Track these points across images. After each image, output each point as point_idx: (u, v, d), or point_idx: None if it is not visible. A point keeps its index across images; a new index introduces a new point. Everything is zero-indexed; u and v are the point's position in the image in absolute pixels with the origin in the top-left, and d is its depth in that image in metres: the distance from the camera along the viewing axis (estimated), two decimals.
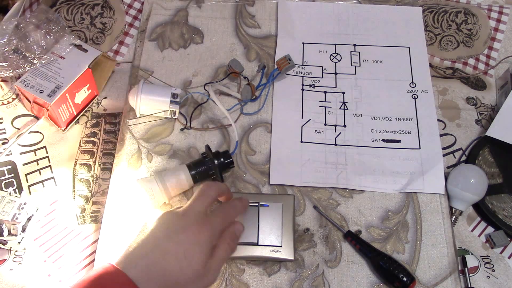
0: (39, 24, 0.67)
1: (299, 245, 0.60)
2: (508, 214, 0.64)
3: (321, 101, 0.71)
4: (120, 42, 0.77)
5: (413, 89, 0.72)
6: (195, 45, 0.76)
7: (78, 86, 0.65)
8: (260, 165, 0.66)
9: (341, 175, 0.65)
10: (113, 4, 0.79)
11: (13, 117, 0.69)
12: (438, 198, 0.64)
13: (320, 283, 0.58)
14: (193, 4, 0.80)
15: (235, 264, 0.59)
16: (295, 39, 0.77)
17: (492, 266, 0.61)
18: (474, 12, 0.81)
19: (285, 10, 0.79)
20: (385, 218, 0.63)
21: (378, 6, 0.80)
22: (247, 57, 0.75)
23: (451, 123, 0.72)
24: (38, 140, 0.68)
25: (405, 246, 0.61)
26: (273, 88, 0.72)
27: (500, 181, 0.66)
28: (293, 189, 0.64)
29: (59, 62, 0.65)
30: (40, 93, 0.62)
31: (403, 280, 0.56)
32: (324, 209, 0.63)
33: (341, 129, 0.69)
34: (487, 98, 0.74)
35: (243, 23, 0.78)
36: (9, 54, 0.65)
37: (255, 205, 0.60)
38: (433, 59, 0.77)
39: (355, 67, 0.74)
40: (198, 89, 0.72)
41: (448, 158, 0.69)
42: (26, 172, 0.65)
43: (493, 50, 0.79)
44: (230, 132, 0.68)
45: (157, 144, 0.67)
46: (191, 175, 0.60)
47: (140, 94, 0.65)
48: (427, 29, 0.79)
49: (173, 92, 0.66)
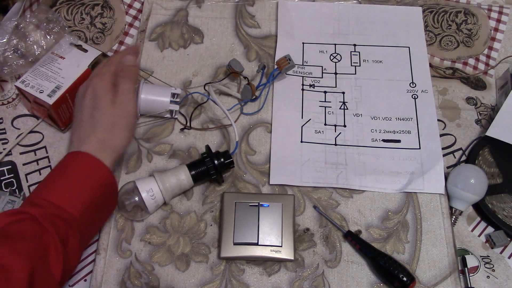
0: (39, 24, 0.67)
1: (299, 245, 0.60)
2: (508, 214, 0.64)
3: (321, 101, 0.71)
4: (120, 42, 0.77)
5: (413, 89, 0.72)
6: (195, 45, 0.76)
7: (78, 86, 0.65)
8: (260, 165, 0.66)
9: (341, 175, 0.65)
10: (113, 4, 0.79)
11: (13, 117, 0.69)
12: (438, 198, 0.64)
13: (320, 283, 0.58)
14: (193, 4, 0.80)
15: (235, 264, 0.59)
16: (295, 39, 0.77)
17: (492, 266, 0.61)
18: (474, 12, 0.81)
19: (285, 10, 0.79)
20: (385, 218, 0.63)
21: (378, 6, 0.80)
22: (247, 57, 0.75)
23: (451, 123, 0.72)
24: (38, 140, 0.68)
25: (405, 246, 0.61)
26: (273, 88, 0.72)
27: (500, 181, 0.66)
28: (293, 189, 0.64)
29: (59, 62, 0.65)
30: (40, 93, 0.62)
31: (403, 280, 0.56)
32: (324, 209, 0.63)
33: (341, 129, 0.69)
34: (487, 98, 0.74)
35: (243, 23, 0.78)
36: (9, 54, 0.65)
37: (255, 205, 0.60)
38: (433, 59, 0.77)
39: (355, 67, 0.74)
40: (198, 89, 0.72)
41: (448, 158, 0.69)
42: (26, 172, 0.65)
43: (493, 50, 0.79)
44: (230, 132, 0.68)
45: (157, 144, 0.67)
46: (191, 175, 0.60)
47: (140, 94, 0.65)
48: (427, 29, 0.79)
49: (173, 92, 0.66)
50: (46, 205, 0.49)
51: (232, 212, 0.60)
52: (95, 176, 0.53)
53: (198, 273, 0.58)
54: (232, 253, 0.58)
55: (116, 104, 0.57)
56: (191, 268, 0.59)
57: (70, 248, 0.49)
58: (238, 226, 0.59)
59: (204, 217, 0.62)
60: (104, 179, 0.54)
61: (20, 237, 0.46)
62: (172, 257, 0.59)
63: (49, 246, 0.47)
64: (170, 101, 0.66)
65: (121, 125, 0.57)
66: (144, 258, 0.59)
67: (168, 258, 0.59)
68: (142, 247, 0.60)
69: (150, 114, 0.67)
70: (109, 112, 0.56)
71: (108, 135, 0.55)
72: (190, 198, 0.63)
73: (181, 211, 0.62)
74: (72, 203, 0.50)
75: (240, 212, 0.60)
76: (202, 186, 0.64)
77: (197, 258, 0.59)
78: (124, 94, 0.58)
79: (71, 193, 0.51)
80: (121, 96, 0.57)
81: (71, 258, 0.50)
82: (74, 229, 0.50)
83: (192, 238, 0.61)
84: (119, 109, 0.57)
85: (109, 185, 0.55)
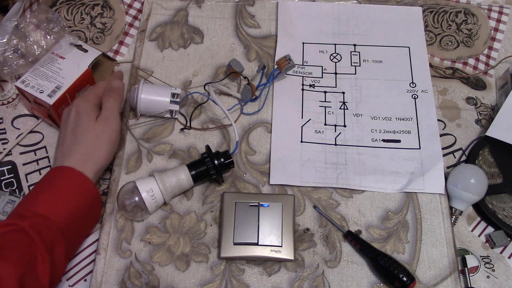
0: (39, 24, 0.67)
1: (299, 245, 0.60)
2: (508, 214, 0.64)
3: (321, 101, 0.71)
4: (120, 42, 0.77)
5: (413, 89, 0.72)
6: (195, 45, 0.76)
7: (78, 86, 0.65)
8: (260, 165, 0.66)
9: (341, 175, 0.65)
10: (113, 4, 0.79)
11: (13, 117, 0.69)
12: (438, 198, 0.64)
13: (320, 283, 0.58)
14: (193, 4, 0.80)
15: (235, 264, 0.59)
16: (295, 39, 0.77)
17: (492, 266, 0.61)
18: (474, 12, 0.81)
19: (285, 10, 0.79)
20: (385, 218, 0.63)
21: (378, 6, 0.80)
22: (247, 57, 0.75)
23: (451, 123, 0.72)
24: (38, 140, 0.68)
25: (405, 246, 0.61)
26: (273, 88, 0.72)
27: (500, 181, 0.66)
28: (293, 189, 0.64)
29: (59, 62, 0.65)
30: (40, 93, 0.62)
31: (403, 280, 0.56)
32: (324, 209, 0.63)
33: (341, 129, 0.69)
34: (487, 98, 0.74)
35: (243, 23, 0.78)
36: (9, 54, 0.65)
37: (255, 205, 0.60)
38: (433, 59, 0.77)
39: (355, 67, 0.74)
40: (198, 89, 0.72)
41: (448, 158, 0.69)
42: (26, 172, 0.65)
43: (493, 50, 0.79)
44: (230, 132, 0.68)
45: (157, 144, 0.67)
46: (191, 175, 0.60)
47: (140, 94, 0.65)
48: (427, 29, 0.79)
49: (173, 92, 0.66)
50: (32, 215, 0.51)
51: (232, 212, 0.60)
52: (78, 187, 0.56)
53: (198, 273, 0.58)
54: (232, 253, 0.58)
55: (99, 120, 0.59)
56: (191, 268, 0.59)
57: (56, 255, 0.51)
58: (238, 226, 0.59)
59: (204, 217, 0.62)
60: (87, 190, 0.56)
61: (8, 246, 0.47)
62: (172, 257, 0.59)
63: (36, 254, 0.48)
64: (170, 101, 0.66)
65: (103, 139, 0.59)
66: (144, 258, 0.59)
67: (168, 258, 0.59)
68: (142, 247, 0.60)
69: (150, 114, 0.67)
70: (91, 128, 0.58)
71: (90, 148, 0.58)
72: (190, 198, 0.63)
73: (181, 211, 0.62)
74: (57, 213, 0.52)
75: (240, 212, 0.60)
76: (202, 186, 0.64)
77: (197, 258, 0.59)
78: (108, 111, 0.60)
79: (56, 204, 0.53)
80: (105, 112, 0.60)
81: (58, 266, 0.51)
82: (59, 238, 0.51)
83: (192, 238, 0.61)
84: (102, 125, 0.59)
85: (92, 195, 0.57)
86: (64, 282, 0.58)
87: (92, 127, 0.58)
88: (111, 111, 0.61)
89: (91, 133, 0.58)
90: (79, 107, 0.60)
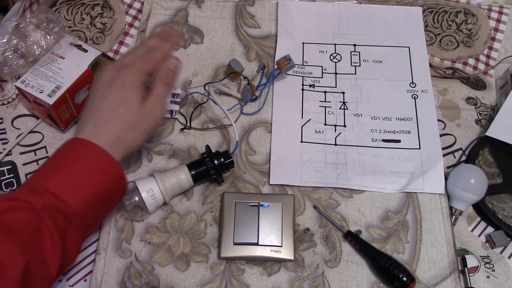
0: (39, 24, 0.67)
1: (299, 245, 0.60)
2: (508, 214, 0.64)
3: (321, 101, 0.71)
4: (120, 42, 0.77)
5: (413, 89, 0.72)
6: (195, 45, 0.76)
7: (78, 86, 0.65)
8: (260, 165, 0.66)
9: (341, 175, 0.65)
10: (113, 4, 0.79)
11: (13, 117, 0.69)
12: (438, 198, 0.64)
13: (320, 283, 0.58)
14: (193, 4, 0.80)
15: (235, 264, 0.59)
16: (295, 39, 0.77)
17: (492, 266, 0.61)
18: (474, 12, 0.81)
19: (285, 10, 0.79)
20: (385, 218, 0.63)
21: (378, 6, 0.80)
22: (247, 57, 0.75)
23: (451, 123, 0.72)
24: (38, 140, 0.68)
25: (405, 246, 0.61)
26: (273, 88, 0.72)
27: (500, 181, 0.66)
28: (293, 189, 0.64)
29: (59, 62, 0.65)
30: (40, 93, 0.62)
31: (403, 280, 0.56)
32: (324, 209, 0.63)
33: (341, 129, 0.69)
34: (487, 98, 0.74)
35: (243, 23, 0.78)
36: (9, 54, 0.65)
37: (255, 205, 0.60)
38: (433, 59, 0.77)
39: (355, 67, 0.74)
40: (198, 89, 0.72)
41: (448, 158, 0.69)
42: (26, 172, 0.65)
43: (493, 50, 0.79)
44: (230, 132, 0.68)
45: (157, 144, 0.67)
46: (191, 175, 0.60)
47: None
48: (427, 29, 0.79)
49: (173, 92, 0.66)
50: (47, 195, 0.47)
51: (232, 212, 0.60)
52: (104, 172, 0.51)
53: (198, 273, 0.58)
54: (232, 253, 0.58)
55: (145, 106, 0.54)
56: (191, 268, 0.59)
57: (68, 242, 0.48)
58: (238, 226, 0.59)
59: (204, 217, 0.62)
60: (114, 176, 0.52)
61: (16, 228, 0.44)
62: (172, 257, 0.59)
63: (47, 239, 0.45)
64: (170, 101, 0.66)
65: (143, 127, 0.54)
66: (144, 258, 0.59)
67: (168, 258, 0.59)
68: (142, 247, 0.60)
69: None
70: (135, 112, 0.53)
71: (127, 133, 0.53)
72: (190, 198, 0.63)
73: (181, 211, 0.62)
74: (76, 197, 0.48)
75: (240, 212, 0.60)
76: (202, 186, 0.64)
77: (197, 258, 0.59)
78: (156, 99, 0.55)
79: (76, 187, 0.49)
80: (152, 99, 0.54)
81: (69, 252, 0.48)
82: (74, 225, 0.48)
83: (192, 238, 0.61)
84: (146, 112, 0.54)
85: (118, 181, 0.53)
86: (64, 282, 0.58)
87: (135, 111, 0.53)
88: (160, 101, 0.55)
89: (132, 118, 0.53)
90: (127, 81, 0.53)
